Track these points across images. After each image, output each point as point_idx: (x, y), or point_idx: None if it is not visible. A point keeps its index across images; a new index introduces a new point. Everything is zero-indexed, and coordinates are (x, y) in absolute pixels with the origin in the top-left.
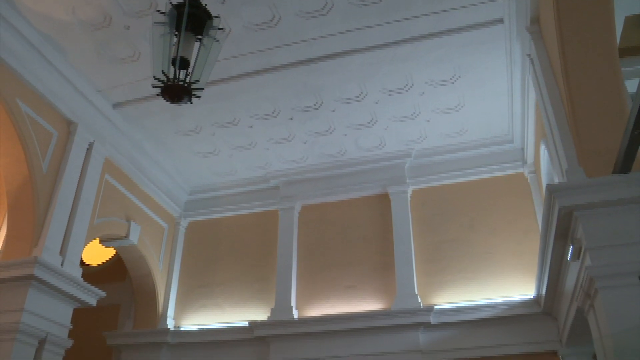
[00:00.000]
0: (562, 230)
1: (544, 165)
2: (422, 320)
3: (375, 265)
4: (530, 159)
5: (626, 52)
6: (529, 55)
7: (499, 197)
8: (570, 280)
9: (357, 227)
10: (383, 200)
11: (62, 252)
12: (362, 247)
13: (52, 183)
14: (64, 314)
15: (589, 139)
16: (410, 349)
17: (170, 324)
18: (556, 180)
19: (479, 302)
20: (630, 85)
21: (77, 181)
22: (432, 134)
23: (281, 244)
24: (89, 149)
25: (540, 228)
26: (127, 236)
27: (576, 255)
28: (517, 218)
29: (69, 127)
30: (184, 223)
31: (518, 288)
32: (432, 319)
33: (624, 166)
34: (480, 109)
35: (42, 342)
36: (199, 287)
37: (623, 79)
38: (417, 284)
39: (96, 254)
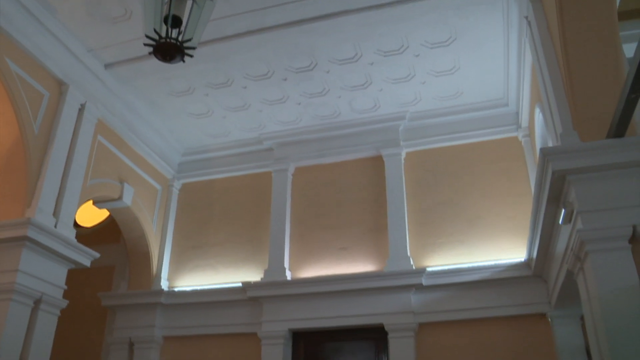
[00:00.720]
0: (554, 194)
1: (539, 129)
2: (414, 282)
3: (368, 228)
4: (524, 122)
5: (626, 15)
6: (526, 17)
7: (493, 160)
8: (561, 244)
9: (350, 190)
10: (377, 163)
11: (56, 213)
12: (355, 210)
13: (44, 144)
14: (58, 274)
15: (585, 103)
16: (402, 310)
17: (164, 285)
18: (550, 144)
19: (470, 265)
20: (629, 50)
21: (70, 142)
22: (426, 97)
23: (274, 205)
24: (81, 110)
25: (532, 192)
26: (120, 198)
27: (568, 218)
28: (510, 182)
29: (60, 88)
30: (177, 185)
31: (509, 251)
32: (424, 281)
33: (618, 130)
34: (475, 71)
35: (37, 303)
36: (193, 248)
37: (621, 43)
38: (410, 246)
39: (90, 215)
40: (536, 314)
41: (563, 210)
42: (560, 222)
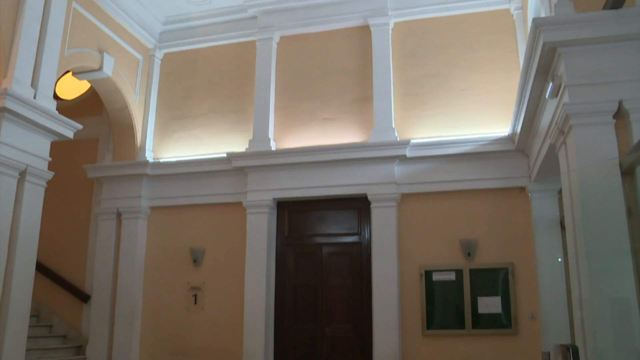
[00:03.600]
0: (543, 67)
1: (532, 1)
2: (398, 154)
3: (353, 98)
4: None
5: None
6: None
7: (483, 33)
8: (546, 118)
9: (336, 60)
10: (364, 33)
11: (34, 84)
12: (341, 80)
13: (14, 11)
14: (41, 146)
15: None
16: (385, 181)
17: (150, 156)
18: (543, 16)
19: (454, 138)
20: None
21: (42, 9)
22: None
23: (259, 75)
24: None
25: (521, 65)
26: (100, 68)
27: (555, 92)
28: (499, 55)
29: None
30: (159, 54)
31: (494, 125)
32: (408, 152)
33: (615, 2)
34: None
35: (22, 174)
36: (177, 119)
37: None
38: (395, 118)
39: (71, 88)
40: (516, 188)
41: (551, 84)
42: (547, 95)
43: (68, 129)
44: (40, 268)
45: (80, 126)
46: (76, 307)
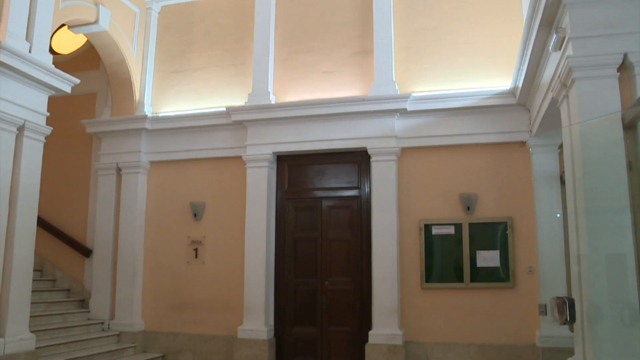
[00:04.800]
0: (547, 19)
1: None
2: (398, 107)
3: (354, 51)
4: None
5: None
6: None
7: None
8: (548, 71)
9: (337, 11)
10: None
11: (28, 37)
12: (341, 32)
13: None
14: (39, 101)
15: None
16: (385, 135)
17: (148, 110)
18: None
19: (455, 91)
20: None
21: None
22: None
23: (258, 28)
24: None
25: (525, 17)
26: (96, 21)
27: (559, 45)
28: (502, 8)
29: None
30: (156, 7)
31: (495, 79)
32: (409, 106)
33: None
34: None
35: (21, 130)
36: (176, 73)
37: None
38: (396, 71)
39: (67, 42)
40: (516, 142)
41: (555, 36)
42: (550, 48)
43: (65, 83)
44: (42, 223)
45: (77, 80)
46: (78, 261)
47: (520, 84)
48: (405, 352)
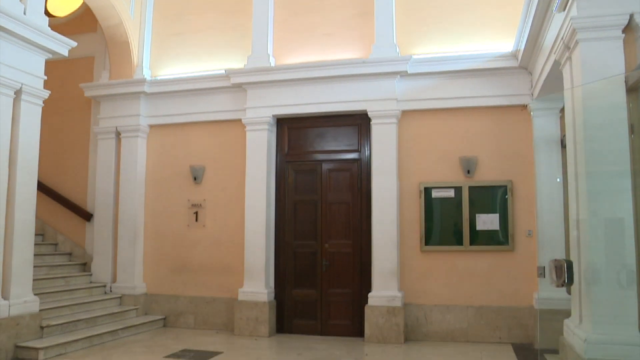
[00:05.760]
0: None
1: None
2: (399, 69)
3: (354, 13)
4: None
5: None
6: None
7: None
8: (551, 33)
9: None
10: None
11: None
12: None
13: None
14: (36, 65)
15: None
16: (385, 97)
17: (147, 73)
18: None
19: (456, 54)
20: None
21: None
22: None
23: None
24: None
25: None
26: None
27: (562, 6)
28: None
29: None
30: None
31: (497, 41)
32: (409, 68)
33: None
34: None
35: (18, 93)
36: (174, 35)
37: None
38: (396, 33)
39: (63, 4)
40: (518, 105)
41: None
42: (554, 9)
43: (62, 46)
44: (43, 188)
45: (74, 43)
46: (80, 225)
47: (522, 47)
48: (404, 313)
